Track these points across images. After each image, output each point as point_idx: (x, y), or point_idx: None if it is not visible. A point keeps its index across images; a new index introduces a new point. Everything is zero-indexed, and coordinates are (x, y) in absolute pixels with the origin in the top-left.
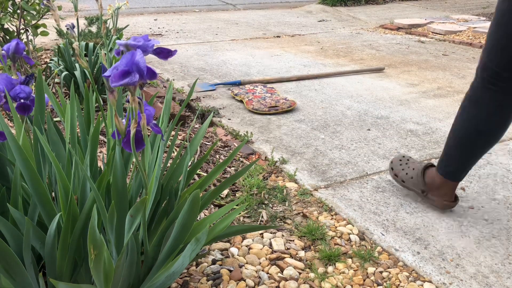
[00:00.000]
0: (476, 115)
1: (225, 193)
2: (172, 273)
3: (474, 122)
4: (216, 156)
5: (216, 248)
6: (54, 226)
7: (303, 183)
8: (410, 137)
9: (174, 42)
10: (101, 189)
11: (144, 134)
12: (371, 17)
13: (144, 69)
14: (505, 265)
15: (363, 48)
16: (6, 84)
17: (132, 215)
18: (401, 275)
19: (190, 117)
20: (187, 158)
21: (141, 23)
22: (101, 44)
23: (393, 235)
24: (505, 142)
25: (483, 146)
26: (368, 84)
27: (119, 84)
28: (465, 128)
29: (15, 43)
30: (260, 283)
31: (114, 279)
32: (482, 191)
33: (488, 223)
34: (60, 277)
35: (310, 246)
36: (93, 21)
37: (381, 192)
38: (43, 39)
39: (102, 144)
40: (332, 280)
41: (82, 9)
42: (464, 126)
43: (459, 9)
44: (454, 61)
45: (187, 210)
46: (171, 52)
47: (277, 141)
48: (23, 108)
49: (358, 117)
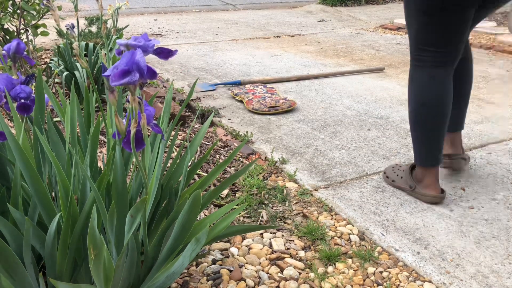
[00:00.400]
0: (415, 90)
1: (225, 193)
2: (172, 273)
3: (415, 98)
4: (216, 156)
5: (216, 248)
6: (54, 226)
7: (303, 183)
8: (410, 137)
9: (174, 42)
10: (101, 189)
11: (144, 134)
12: (371, 17)
13: (144, 69)
14: (505, 265)
15: (363, 48)
16: (6, 84)
17: (132, 215)
18: (401, 275)
19: (190, 117)
20: (187, 158)
21: (141, 23)
22: (101, 44)
23: (393, 235)
24: (505, 142)
25: (434, 119)
26: (368, 84)
27: (119, 83)
28: (412, 107)
29: (16, 43)
30: (260, 283)
31: (114, 279)
32: (482, 191)
33: (488, 223)
34: (60, 277)
35: (310, 246)
36: (93, 21)
37: (381, 192)
38: (43, 39)
39: (102, 144)
40: (332, 280)
41: (82, 9)
42: (411, 106)
43: None
44: None
45: (187, 210)
46: (172, 52)
47: (277, 141)
48: (23, 108)
49: (358, 117)
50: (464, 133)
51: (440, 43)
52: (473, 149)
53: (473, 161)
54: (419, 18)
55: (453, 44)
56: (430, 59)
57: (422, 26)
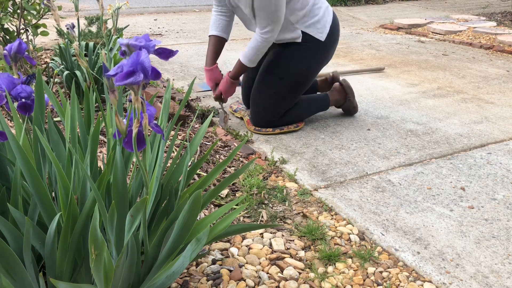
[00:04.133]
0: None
1: (225, 193)
2: (172, 273)
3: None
4: (216, 156)
5: (216, 248)
6: (54, 226)
7: (303, 183)
8: (410, 137)
9: (174, 42)
10: (101, 189)
11: (145, 133)
12: (371, 17)
13: (149, 69)
14: (505, 265)
15: (363, 48)
16: (7, 84)
17: (132, 215)
18: (401, 275)
19: (190, 117)
20: (187, 158)
21: (141, 23)
22: (101, 44)
23: (393, 235)
24: (505, 142)
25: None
26: (368, 84)
27: (123, 83)
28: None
29: (17, 43)
30: (260, 283)
31: (114, 279)
32: (482, 191)
33: (488, 223)
34: (60, 277)
35: (310, 246)
36: (93, 21)
37: (381, 192)
38: (43, 39)
39: (102, 144)
40: (332, 280)
41: (82, 9)
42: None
43: (459, 9)
44: (454, 61)
45: (187, 210)
46: (172, 52)
47: (277, 141)
48: (24, 107)
49: (358, 117)
50: (464, 133)
51: None
52: (473, 149)
53: (473, 161)
54: None
55: None
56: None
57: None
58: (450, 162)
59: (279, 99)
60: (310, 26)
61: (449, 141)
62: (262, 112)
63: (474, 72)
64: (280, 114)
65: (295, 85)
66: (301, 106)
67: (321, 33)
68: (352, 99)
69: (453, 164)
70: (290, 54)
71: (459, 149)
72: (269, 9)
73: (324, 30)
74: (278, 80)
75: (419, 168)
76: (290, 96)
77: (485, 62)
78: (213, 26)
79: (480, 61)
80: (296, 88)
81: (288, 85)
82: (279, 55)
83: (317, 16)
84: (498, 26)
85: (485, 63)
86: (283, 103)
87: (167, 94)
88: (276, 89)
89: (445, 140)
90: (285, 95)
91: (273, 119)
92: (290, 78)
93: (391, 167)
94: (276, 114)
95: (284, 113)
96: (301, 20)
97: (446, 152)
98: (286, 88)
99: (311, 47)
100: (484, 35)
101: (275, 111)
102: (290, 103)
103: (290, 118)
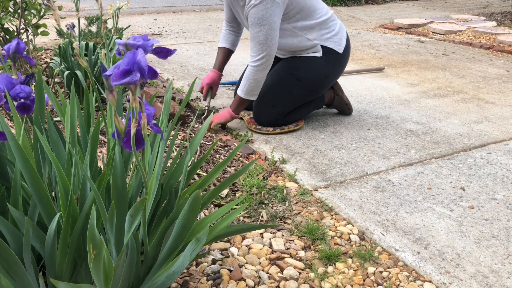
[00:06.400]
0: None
1: (225, 193)
2: (172, 273)
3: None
4: (216, 156)
5: (216, 248)
6: (54, 226)
7: (303, 183)
8: (410, 137)
9: (174, 41)
10: (101, 189)
11: (144, 133)
12: (371, 17)
13: (145, 68)
14: (505, 265)
15: (363, 48)
16: (6, 84)
17: (132, 214)
18: (401, 275)
19: (190, 117)
20: (187, 158)
21: (141, 23)
22: (101, 44)
23: (393, 235)
24: (505, 142)
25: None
26: (368, 84)
27: (120, 83)
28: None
29: (16, 43)
30: (260, 283)
31: (114, 279)
32: (482, 191)
33: (488, 223)
34: (60, 277)
35: (310, 246)
36: (93, 21)
37: (381, 192)
38: (43, 39)
39: (102, 144)
40: (332, 280)
41: (82, 9)
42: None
43: (459, 9)
44: (454, 61)
45: (187, 210)
46: (171, 51)
47: (277, 140)
48: (23, 108)
49: (358, 117)
50: (464, 133)
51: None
52: (473, 149)
53: (473, 161)
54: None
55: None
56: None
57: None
58: (450, 162)
59: (291, 99)
60: (329, 40)
61: (449, 141)
62: (270, 109)
63: (474, 72)
64: (285, 114)
65: (310, 90)
66: (301, 106)
67: (339, 45)
68: (341, 94)
69: (453, 164)
70: (310, 61)
71: (459, 149)
72: (258, 39)
73: (341, 43)
74: (295, 80)
75: (419, 168)
76: (300, 99)
77: (485, 62)
78: (223, 39)
79: (480, 61)
80: (310, 93)
81: (303, 88)
82: (298, 59)
83: (334, 30)
84: (498, 26)
85: (485, 63)
86: (291, 104)
87: (168, 95)
88: (291, 89)
89: (445, 140)
90: (297, 97)
91: (278, 117)
92: (307, 82)
93: (391, 167)
94: (282, 113)
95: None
96: (318, 33)
97: (446, 152)
98: (301, 90)
99: (331, 58)
100: (484, 35)
101: (283, 110)
102: (297, 105)
103: (291, 118)
